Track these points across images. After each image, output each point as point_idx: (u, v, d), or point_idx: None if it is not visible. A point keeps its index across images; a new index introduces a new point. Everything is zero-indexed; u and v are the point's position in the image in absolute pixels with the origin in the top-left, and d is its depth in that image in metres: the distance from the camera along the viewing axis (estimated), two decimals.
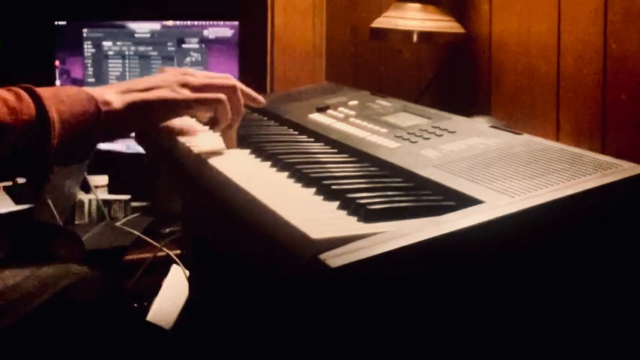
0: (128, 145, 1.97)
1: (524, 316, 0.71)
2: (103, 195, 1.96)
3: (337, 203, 0.75)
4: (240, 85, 1.01)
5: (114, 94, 0.92)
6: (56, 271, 0.99)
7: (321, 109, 1.18)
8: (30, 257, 1.05)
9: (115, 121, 0.92)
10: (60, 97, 0.88)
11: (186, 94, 0.96)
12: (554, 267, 0.71)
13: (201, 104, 0.98)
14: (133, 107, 0.93)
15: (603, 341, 0.76)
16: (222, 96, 0.97)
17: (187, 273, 1.61)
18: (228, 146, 1.00)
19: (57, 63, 2.06)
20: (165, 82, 0.96)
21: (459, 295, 0.66)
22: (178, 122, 1.05)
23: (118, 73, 2.02)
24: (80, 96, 0.90)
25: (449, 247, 0.65)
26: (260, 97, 1.05)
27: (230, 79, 1.02)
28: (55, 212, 1.72)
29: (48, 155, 0.85)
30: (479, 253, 0.67)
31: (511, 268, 0.69)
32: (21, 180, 1.91)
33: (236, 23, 1.91)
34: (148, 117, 0.96)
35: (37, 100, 0.85)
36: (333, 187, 0.79)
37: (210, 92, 0.97)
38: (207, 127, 1.09)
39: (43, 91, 0.87)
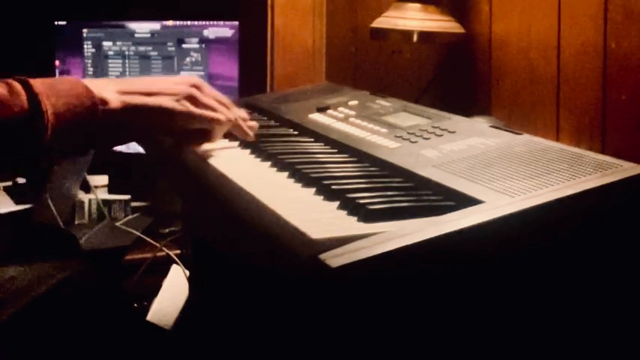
0: (128, 145, 1.97)
1: (524, 316, 0.71)
2: (103, 195, 1.95)
3: (337, 203, 0.75)
4: (241, 115, 1.01)
5: (113, 93, 0.89)
6: (53, 266, 0.98)
7: (321, 109, 1.18)
8: (27, 255, 1.05)
9: (111, 121, 0.89)
10: (56, 89, 0.85)
11: (189, 107, 0.93)
12: (554, 267, 0.71)
13: (202, 121, 0.95)
14: (130, 110, 0.90)
15: (603, 341, 0.76)
16: (222, 118, 0.96)
17: (187, 273, 1.61)
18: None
19: (57, 63, 2.06)
20: (171, 89, 0.93)
21: (459, 295, 0.66)
22: None
23: (118, 73, 2.02)
24: (78, 89, 0.87)
25: (449, 247, 0.65)
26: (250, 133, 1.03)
27: (231, 107, 1.01)
28: (55, 212, 1.72)
29: (41, 147, 0.83)
30: (479, 253, 0.67)
31: (511, 268, 0.69)
32: (21, 180, 1.91)
33: (236, 23, 1.91)
34: (144, 122, 0.93)
35: (30, 92, 0.83)
36: (333, 187, 0.79)
37: (211, 109, 0.95)
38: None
39: (38, 83, 0.85)
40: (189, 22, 1.95)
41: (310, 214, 0.72)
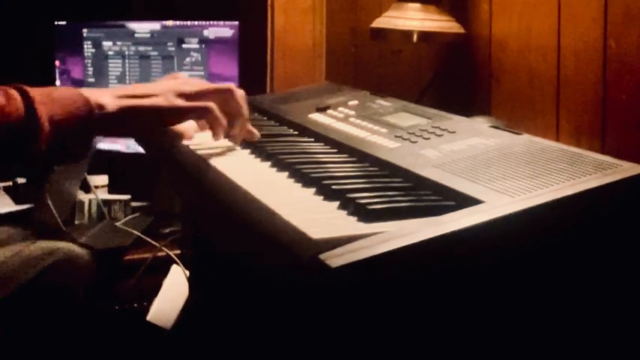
0: (128, 145, 1.97)
1: (524, 316, 0.71)
2: (103, 195, 1.96)
3: (337, 203, 0.75)
4: (236, 90, 1.00)
5: (109, 98, 0.94)
6: (43, 250, 0.99)
7: (321, 109, 1.18)
8: (17, 237, 1.05)
9: (108, 124, 0.94)
10: (53, 98, 0.88)
11: (178, 102, 0.97)
12: (554, 267, 0.71)
13: (192, 113, 0.99)
14: (125, 112, 0.94)
15: (603, 341, 0.76)
16: (210, 104, 0.97)
17: (187, 273, 1.62)
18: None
19: (57, 63, 2.06)
20: (161, 90, 0.97)
21: (458, 295, 0.66)
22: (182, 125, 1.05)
23: (118, 73, 2.02)
24: (74, 97, 0.91)
25: (449, 247, 0.65)
26: (255, 132, 1.03)
27: (227, 84, 1.02)
28: (55, 212, 1.72)
29: (38, 154, 0.86)
30: (479, 253, 0.67)
31: (511, 268, 0.69)
32: (21, 180, 1.91)
33: (236, 23, 1.91)
34: (139, 123, 0.98)
35: (27, 99, 0.86)
36: (333, 187, 0.79)
37: (203, 99, 0.98)
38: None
39: (36, 91, 0.88)
40: (189, 22, 1.95)
41: (310, 214, 0.72)
